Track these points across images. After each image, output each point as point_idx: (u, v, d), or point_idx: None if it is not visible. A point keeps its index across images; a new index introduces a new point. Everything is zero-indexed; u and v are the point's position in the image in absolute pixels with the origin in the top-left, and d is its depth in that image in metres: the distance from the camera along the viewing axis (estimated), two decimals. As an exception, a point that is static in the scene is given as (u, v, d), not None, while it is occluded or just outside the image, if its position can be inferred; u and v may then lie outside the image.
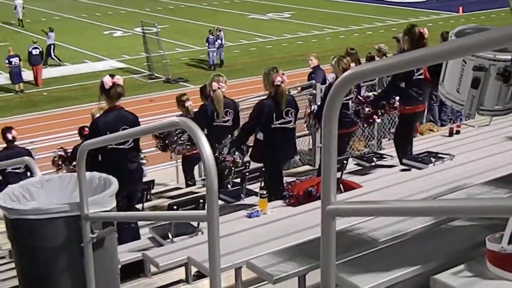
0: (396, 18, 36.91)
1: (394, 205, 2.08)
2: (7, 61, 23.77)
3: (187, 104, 9.68)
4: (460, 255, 3.55)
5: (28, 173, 9.46)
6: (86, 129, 9.88)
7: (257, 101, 8.09)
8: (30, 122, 19.59)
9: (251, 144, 8.02)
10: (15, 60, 23.76)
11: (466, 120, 10.95)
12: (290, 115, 7.63)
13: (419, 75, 7.94)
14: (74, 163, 6.32)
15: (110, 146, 6.65)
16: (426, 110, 9.94)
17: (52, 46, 28.07)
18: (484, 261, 3.27)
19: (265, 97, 7.91)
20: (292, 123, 7.70)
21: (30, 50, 25.17)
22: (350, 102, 8.63)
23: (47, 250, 3.74)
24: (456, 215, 3.68)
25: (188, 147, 8.88)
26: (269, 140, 7.61)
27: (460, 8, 38.55)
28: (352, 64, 8.78)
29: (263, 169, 7.96)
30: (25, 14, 38.19)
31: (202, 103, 9.01)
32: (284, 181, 7.99)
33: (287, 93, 7.92)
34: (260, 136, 7.65)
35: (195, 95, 9.93)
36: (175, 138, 8.78)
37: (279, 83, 7.49)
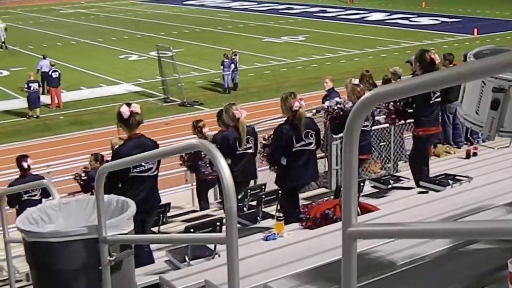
0: (411, 40, 36.94)
1: (416, 227, 2.06)
2: (26, 86, 23.92)
3: (204, 130, 9.73)
4: (481, 279, 3.51)
5: (43, 200, 9.53)
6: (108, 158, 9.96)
7: (276, 127, 8.07)
8: (46, 146, 19.69)
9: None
10: (34, 86, 23.89)
11: (484, 141, 10.91)
12: (310, 137, 7.63)
13: (435, 98, 7.93)
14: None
15: (131, 174, 6.62)
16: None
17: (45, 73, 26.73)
18: (506, 284, 3.23)
19: (283, 121, 7.91)
20: (313, 145, 7.68)
21: (50, 73, 25.40)
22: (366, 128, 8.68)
23: (65, 273, 3.74)
24: (478, 237, 3.64)
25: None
26: (291, 163, 7.61)
27: (475, 30, 38.53)
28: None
29: (280, 191, 7.93)
30: (41, 39, 38.50)
31: (218, 128, 9.04)
32: (300, 204, 7.96)
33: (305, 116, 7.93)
34: (283, 161, 7.61)
35: (209, 119, 9.98)
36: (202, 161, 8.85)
37: (297, 109, 7.48)
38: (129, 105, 6.67)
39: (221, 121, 9.21)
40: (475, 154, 10.18)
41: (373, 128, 9.63)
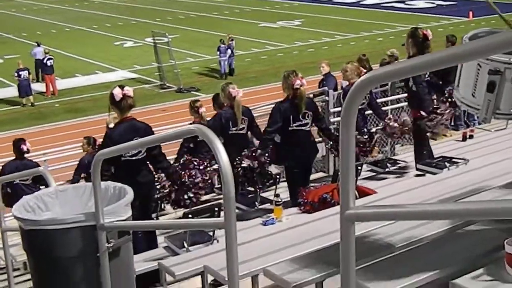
0: (407, 24, 36.73)
1: (414, 209, 2.06)
2: (16, 74, 23.81)
3: (201, 110, 9.69)
4: (479, 259, 3.52)
5: (41, 187, 9.51)
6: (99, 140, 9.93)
7: (274, 104, 8.12)
8: (42, 134, 19.65)
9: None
10: (24, 73, 23.77)
11: (481, 124, 10.92)
12: (307, 118, 7.74)
13: (427, 77, 7.92)
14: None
15: (124, 158, 6.65)
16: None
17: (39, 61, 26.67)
18: (503, 264, 3.25)
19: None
20: (308, 126, 7.81)
21: (44, 61, 25.33)
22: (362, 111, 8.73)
23: (63, 260, 3.74)
24: (476, 218, 3.65)
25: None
26: (287, 142, 7.70)
27: (471, 13, 38.43)
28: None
29: (277, 176, 7.96)
30: (35, 26, 38.38)
31: (214, 112, 9.02)
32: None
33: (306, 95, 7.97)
34: (277, 138, 7.74)
35: (207, 104, 9.93)
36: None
37: (298, 86, 7.59)
38: (122, 87, 6.68)
39: (216, 105, 9.20)
40: (471, 136, 10.19)
41: (369, 112, 9.61)
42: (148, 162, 7.01)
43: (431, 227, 4.33)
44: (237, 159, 7.51)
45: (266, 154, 7.60)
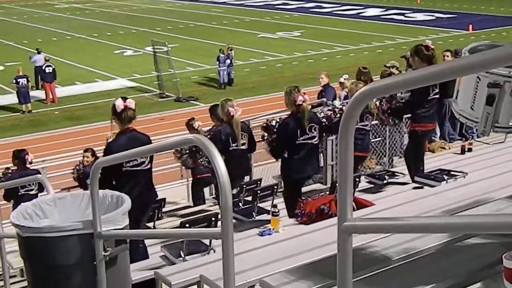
0: (406, 36, 36.95)
1: (412, 222, 2.06)
2: (14, 81, 23.78)
3: (196, 125, 9.74)
4: (476, 273, 3.51)
5: (40, 195, 9.51)
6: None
7: (280, 121, 8.22)
8: (42, 141, 19.65)
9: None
10: (22, 81, 23.74)
11: (479, 137, 10.92)
12: (313, 131, 7.79)
13: (434, 94, 7.94)
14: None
15: (124, 168, 6.64)
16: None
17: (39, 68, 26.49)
18: (501, 279, 3.23)
19: (284, 115, 8.06)
20: (316, 139, 7.87)
21: (43, 68, 25.33)
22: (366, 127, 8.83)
23: (60, 268, 3.73)
24: (474, 231, 3.65)
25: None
26: (294, 155, 7.76)
27: (470, 26, 38.55)
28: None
29: (275, 187, 7.98)
30: (36, 34, 38.47)
31: (212, 123, 9.04)
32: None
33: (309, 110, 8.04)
34: (285, 153, 7.80)
35: (204, 114, 9.96)
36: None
37: (301, 103, 7.63)
38: (124, 99, 6.76)
39: (214, 116, 9.23)
40: (470, 149, 10.20)
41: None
42: (150, 174, 7.01)
43: (429, 240, 4.32)
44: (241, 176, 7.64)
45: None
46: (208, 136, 8.72)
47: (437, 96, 7.98)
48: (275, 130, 8.27)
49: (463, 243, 4.00)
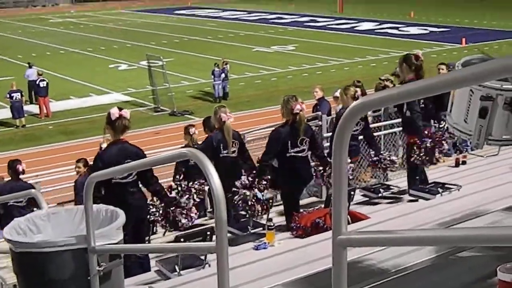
0: (400, 50, 36.93)
1: (406, 235, 2.05)
2: (8, 96, 23.74)
3: (191, 131, 9.72)
4: (471, 286, 3.51)
5: (34, 209, 9.47)
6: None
7: (273, 129, 8.17)
8: (35, 155, 19.60)
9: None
10: (16, 95, 23.67)
11: (473, 150, 10.93)
12: (304, 144, 7.77)
13: (422, 104, 7.97)
14: None
15: (114, 180, 6.64)
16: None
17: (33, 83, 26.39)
18: (495, 292, 3.23)
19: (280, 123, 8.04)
20: (305, 152, 7.85)
21: (37, 82, 25.32)
22: (354, 133, 8.73)
23: (53, 283, 3.71)
24: (469, 244, 3.65)
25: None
26: (284, 167, 7.75)
27: (463, 40, 38.73)
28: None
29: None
30: (30, 48, 38.48)
31: (206, 135, 9.02)
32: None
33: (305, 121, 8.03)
34: (275, 163, 7.80)
35: (200, 128, 9.96)
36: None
37: (298, 111, 7.64)
38: (120, 109, 6.79)
39: (207, 128, 9.23)
40: (464, 162, 10.21)
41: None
42: (139, 185, 7.01)
43: (424, 253, 4.32)
44: (232, 184, 7.53)
45: (264, 182, 7.64)
46: (201, 144, 8.73)
47: (423, 105, 8.01)
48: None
49: (458, 256, 4.00)
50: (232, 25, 53.09)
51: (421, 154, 7.89)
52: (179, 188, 7.34)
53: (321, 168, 8.15)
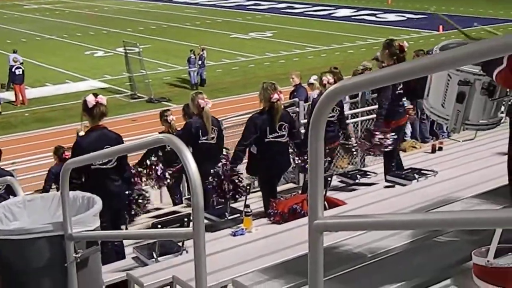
0: (377, 36, 37.13)
1: (383, 219, 2.06)
2: None
3: (170, 118, 9.68)
4: (446, 270, 3.54)
5: (10, 196, 9.36)
6: (66, 153, 9.82)
7: (250, 116, 8.16)
8: (11, 143, 19.40)
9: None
10: None
11: (450, 136, 11.03)
12: (283, 129, 7.79)
13: (400, 89, 8.00)
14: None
15: (94, 166, 6.61)
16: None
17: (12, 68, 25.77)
18: (470, 275, 3.27)
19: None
20: (285, 137, 7.86)
21: (13, 70, 25.04)
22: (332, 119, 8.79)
23: (30, 271, 3.69)
24: (445, 228, 3.68)
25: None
26: (263, 153, 7.75)
27: (441, 27, 38.91)
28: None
29: (248, 187, 7.97)
30: (5, 35, 38.01)
31: (184, 122, 8.99)
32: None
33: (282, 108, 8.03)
34: (253, 149, 7.78)
35: (177, 115, 9.91)
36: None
37: (275, 101, 7.63)
38: (96, 95, 6.72)
39: (187, 116, 9.19)
40: (440, 148, 10.30)
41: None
42: (121, 173, 6.97)
43: (400, 237, 4.35)
44: (210, 171, 7.54)
45: (240, 173, 7.68)
46: (179, 130, 8.73)
47: (401, 91, 8.02)
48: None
49: (434, 240, 4.03)
50: (210, 11, 52.86)
51: (368, 145, 7.97)
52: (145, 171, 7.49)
53: (298, 156, 8.19)
